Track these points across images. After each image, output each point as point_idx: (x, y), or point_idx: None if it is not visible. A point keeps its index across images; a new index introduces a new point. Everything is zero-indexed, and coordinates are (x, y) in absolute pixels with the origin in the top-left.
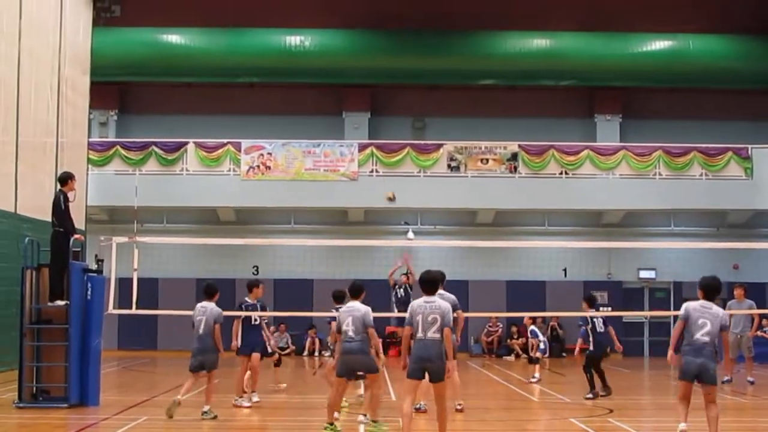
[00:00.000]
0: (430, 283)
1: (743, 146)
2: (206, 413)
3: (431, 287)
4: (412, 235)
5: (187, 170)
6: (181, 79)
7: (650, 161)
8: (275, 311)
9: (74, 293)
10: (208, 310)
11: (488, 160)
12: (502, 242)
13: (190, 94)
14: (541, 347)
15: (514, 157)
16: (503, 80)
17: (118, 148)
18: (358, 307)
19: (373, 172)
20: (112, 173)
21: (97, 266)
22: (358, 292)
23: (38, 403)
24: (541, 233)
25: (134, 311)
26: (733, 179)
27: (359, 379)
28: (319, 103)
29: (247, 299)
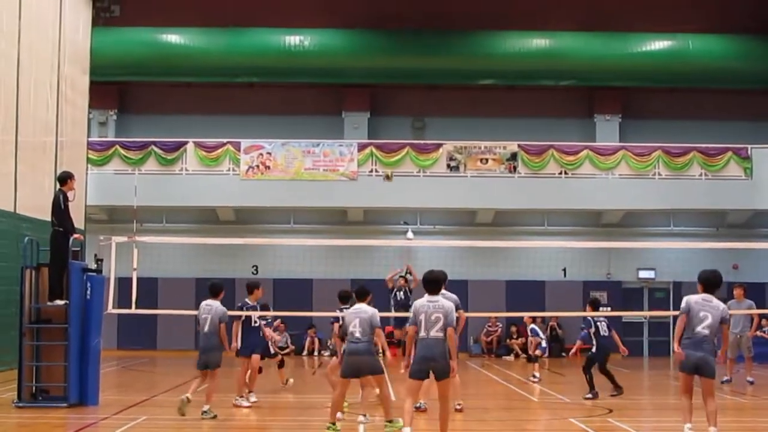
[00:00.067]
0: (433, 282)
1: (743, 146)
2: (206, 413)
3: (434, 287)
4: (411, 234)
5: (186, 170)
6: (180, 78)
7: (650, 161)
8: (274, 311)
9: (74, 293)
10: (213, 308)
11: (488, 159)
12: (501, 242)
13: (189, 93)
14: (542, 345)
15: (513, 157)
16: (503, 80)
17: (117, 147)
18: (365, 309)
19: (372, 171)
20: (111, 173)
21: (96, 266)
22: (364, 295)
23: (37, 402)
24: (540, 233)
25: (134, 311)
26: (732, 179)
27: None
28: (318, 102)
29: (247, 300)
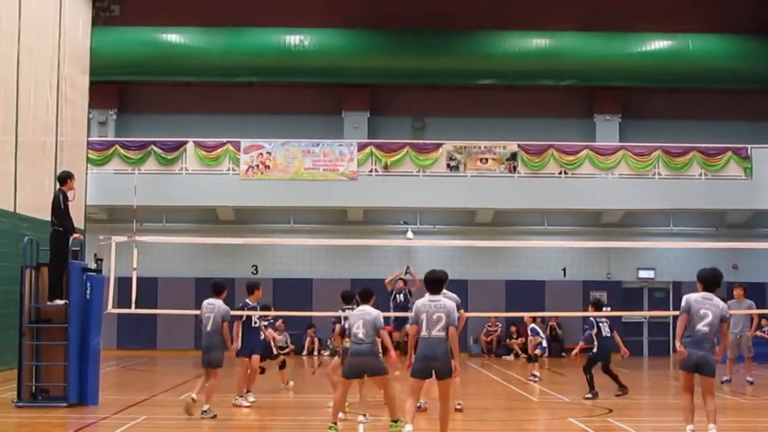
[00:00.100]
0: (435, 282)
1: (743, 146)
2: (206, 412)
3: (436, 286)
4: (411, 234)
5: (186, 169)
6: (180, 78)
7: (649, 161)
8: (274, 311)
9: (73, 292)
10: (216, 307)
11: (487, 159)
12: (501, 242)
13: (189, 93)
14: (542, 345)
15: (513, 156)
16: (503, 80)
17: (117, 147)
18: (369, 310)
19: (372, 171)
20: (111, 172)
21: (96, 265)
22: (368, 296)
23: (37, 402)
24: (540, 233)
25: (133, 310)
26: (732, 179)
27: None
28: (318, 102)
29: (248, 301)
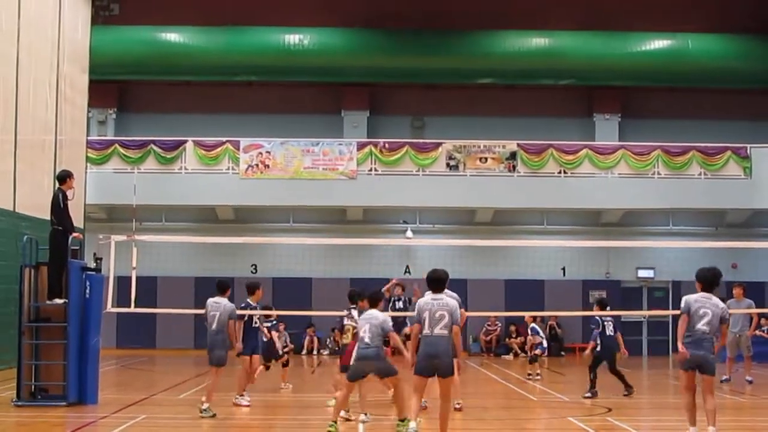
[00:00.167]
0: (437, 281)
1: (742, 146)
2: (205, 410)
3: (438, 285)
4: (410, 234)
5: (185, 169)
6: (179, 77)
7: (649, 160)
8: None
9: (73, 291)
10: (222, 305)
11: (487, 159)
12: (500, 241)
13: (188, 92)
14: (543, 345)
15: (512, 156)
16: (502, 79)
17: (116, 146)
18: (376, 315)
19: (371, 170)
20: (110, 171)
21: (95, 264)
22: (376, 300)
23: (36, 401)
24: (539, 232)
25: (133, 309)
26: (731, 178)
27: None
28: (317, 101)
29: (249, 301)
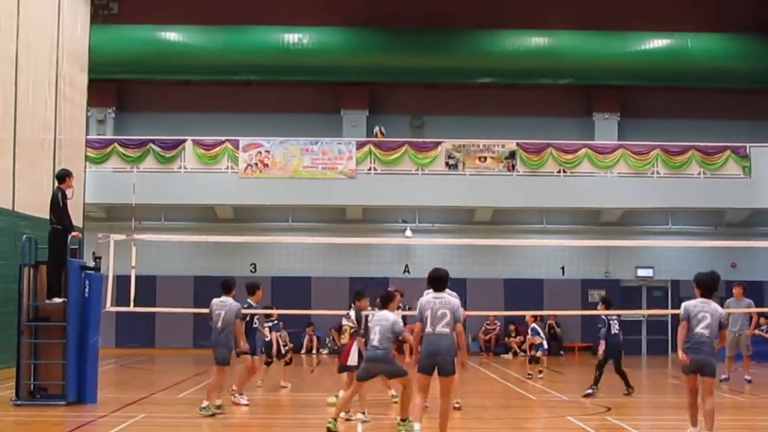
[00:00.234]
0: (438, 280)
1: (741, 145)
2: (205, 408)
3: (440, 284)
4: (409, 233)
5: (185, 168)
6: (179, 76)
7: (648, 160)
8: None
9: (72, 291)
10: (228, 305)
11: (486, 158)
12: (499, 240)
13: (188, 91)
14: (543, 346)
15: (512, 155)
16: (501, 79)
17: (115, 145)
18: (386, 316)
19: (371, 170)
20: (109, 171)
21: (94, 264)
22: (388, 301)
23: (36, 400)
24: (539, 231)
25: (132, 309)
26: (731, 178)
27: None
28: (317, 100)
29: (250, 301)
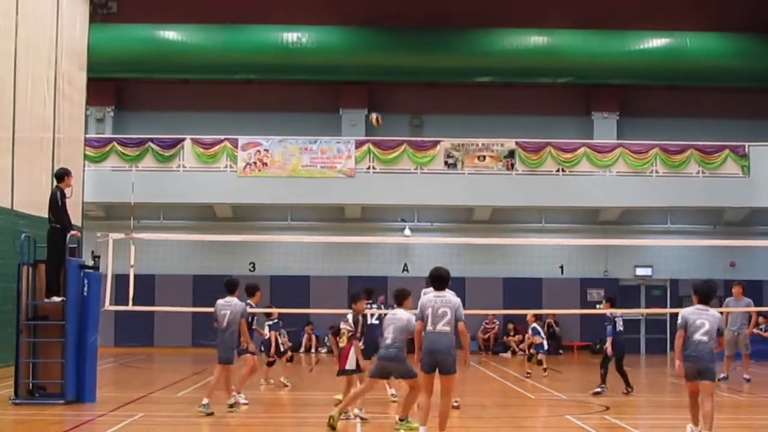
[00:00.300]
0: (440, 279)
1: (740, 144)
2: (205, 406)
3: (441, 283)
4: (408, 232)
5: (183, 166)
6: (178, 75)
7: (647, 159)
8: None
9: (71, 289)
10: (233, 305)
11: (485, 157)
12: (498, 239)
13: (187, 90)
14: (543, 347)
15: (511, 154)
16: (500, 77)
17: (114, 144)
18: (400, 316)
19: (370, 169)
20: (108, 169)
21: (93, 262)
22: (403, 299)
23: (34, 399)
24: (537, 230)
25: (131, 307)
26: (729, 177)
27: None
28: (316, 99)
29: (250, 302)
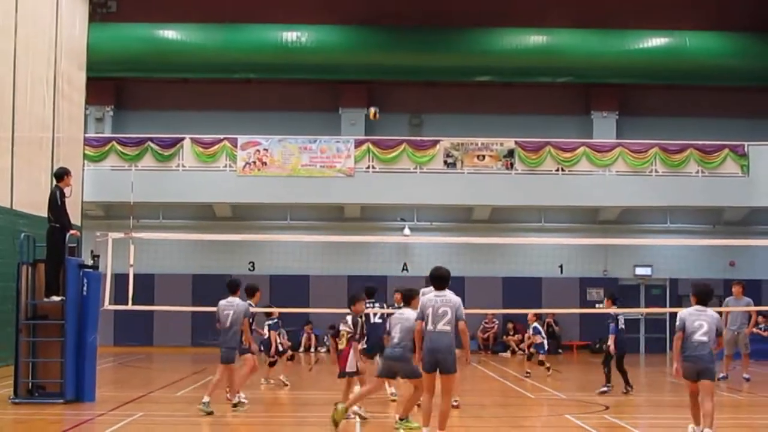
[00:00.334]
0: (440, 278)
1: (740, 143)
2: (205, 405)
3: (442, 283)
4: (408, 231)
5: (183, 166)
6: (177, 74)
7: (647, 158)
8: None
9: (70, 289)
10: (235, 305)
11: (485, 156)
12: (498, 239)
13: (186, 89)
14: (544, 347)
15: (510, 153)
16: (500, 77)
17: (114, 143)
18: (407, 315)
19: (369, 168)
20: (108, 169)
21: (93, 262)
22: (411, 299)
23: (34, 398)
24: (537, 230)
25: (130, 307)
26: (729, 176)
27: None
28: (315, 99)
29: (250, 302)
